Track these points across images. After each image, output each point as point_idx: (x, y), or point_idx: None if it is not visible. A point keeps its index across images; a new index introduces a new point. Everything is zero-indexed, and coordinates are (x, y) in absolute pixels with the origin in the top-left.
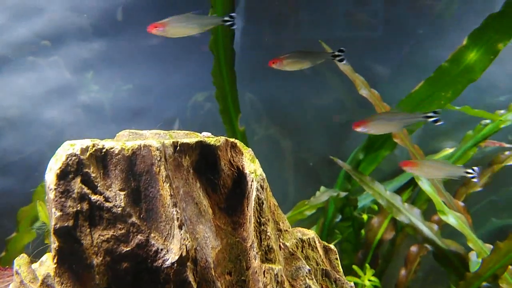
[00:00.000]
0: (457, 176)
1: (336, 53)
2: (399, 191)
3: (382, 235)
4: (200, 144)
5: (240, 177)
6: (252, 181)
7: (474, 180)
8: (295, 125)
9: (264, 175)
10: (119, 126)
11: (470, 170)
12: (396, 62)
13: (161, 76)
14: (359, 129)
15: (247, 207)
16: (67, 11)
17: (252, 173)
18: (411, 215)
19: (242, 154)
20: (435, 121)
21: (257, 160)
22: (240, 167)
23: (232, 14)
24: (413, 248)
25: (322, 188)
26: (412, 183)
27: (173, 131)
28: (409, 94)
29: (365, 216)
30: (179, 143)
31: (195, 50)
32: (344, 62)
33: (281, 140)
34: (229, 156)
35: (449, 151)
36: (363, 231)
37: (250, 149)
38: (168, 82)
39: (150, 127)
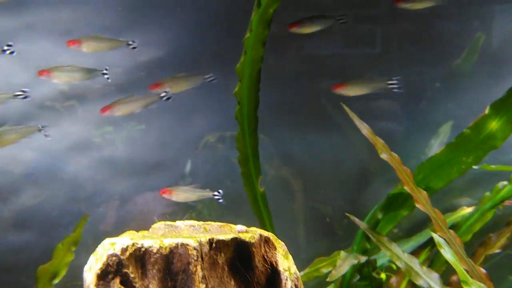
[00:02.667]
0: (207, 197)
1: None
2: (416, 251)
3: None
4: (235, 241)
5: (274, 274)
6: (287, 279)
7: (220, 201)
8: (311, 176)
9: (298, 273)
10: (137, 179)
11: (216, 193)
12: (413, 115)
13: (178, 127)
14: (337, 91)
15: None
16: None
17: (286, 271)
18: (430, 279)
19: (276, 249)
20: (397, 88)
21: (290, 256)
22: (274, 263)
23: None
24: None
25: (342, 253)
26: (430, 243)
27: (207, 222)
28: (430, 158)
29: (383, 275)
30: (215, 240)
31: (209, 94)
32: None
33: (296, 192)
34: (263, 251)
35: (466, 210)
36: None
37: (283, 243)
38: (186, 134)
39: (167, 180)
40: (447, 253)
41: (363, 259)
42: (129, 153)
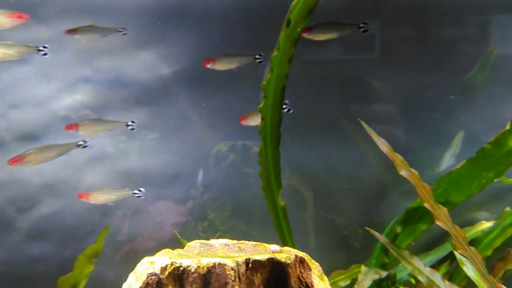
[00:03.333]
0: (127, 196)
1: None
2: (435, 266)
3: None
4: (271, 262)
5: None
6: None
7: (141, 197)
8: (325, 188)
9: None
10: (155, 191)
11: (137, 191)
12: (427, 127)
13: (190, 136)
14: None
15: None
16: (111, 83)
17: None
18: None
19: (311, 269)
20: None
21: (325, 277)
22: (309, 284)
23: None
24: None
25: (363, 268)
26: (449, 257)
27: (241, 241)
28: (450, 172)
29: None
30: (251, 260)
31: (221, 103)
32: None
33: (310, 204)
34: (298, 272)
35: (485, 225)
36: None
37: (317, 264)
38: (198, 143)
39: (180, 189)
40: (469, 271)
41: (384, 274)
42: (142, 163)
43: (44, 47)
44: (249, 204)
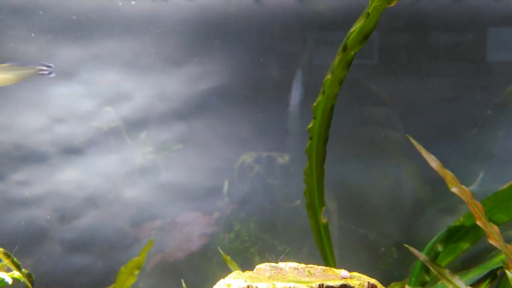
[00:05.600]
0: (34, 73)
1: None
2: (475, 284)
3: None
4: None
5: None
6: None
7: (50, 75)
8: (359, 204)
9: None
10: (194, 204)
11: (44, 68)
12: (465, 143)
13: (221, 152)
14: None
15: None
16: (152, 98)
17: None
18: None
19: None
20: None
21: None
22: None
23: (49, 65)
24: None
25: (407, 287)
26: (490, 275)
27: (309, 265)
28: (496, 192)
29: None
30: (324, 286)
31: (245, 114)
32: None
33: (344, 220)
34: None
35: None
36: None
37: None
38: (222, 153)
39: (211, 203)
40: None
41: None
42: (169, 174)
43: (48, 66)
44: (275, 216)
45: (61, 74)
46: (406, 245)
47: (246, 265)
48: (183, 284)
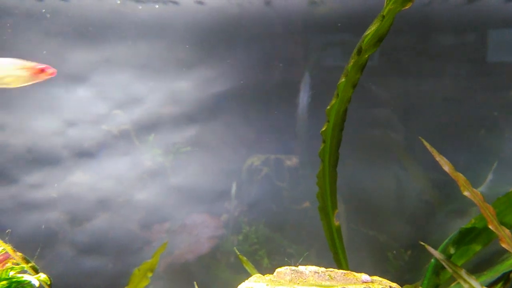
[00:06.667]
0: None
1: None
2: (489, 286)
3: None
4: None
5: None
6: None
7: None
8: (370, 206)
9: None
10: (202, 207)
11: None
12: (472, 145)
13: (229, 155)
14: None
15: None
16: (164, 101)
17: None
18: None
19: None
20: None
21: None
22: None
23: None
24: None
25: None
26: (502, 278)
27: (330, 269)
28: (507, 193)
29: None
30: None
31: (254, 116)
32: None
33: (355, 222)
34: None
35: None
36: None
37: None
38: (230, 156)
39: (219, 205)
40: None
41: None
42: (178, 176)
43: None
44: (283, 218)
45: (74, 77)
46: (422, 243)
47: (255, 267)
48: (196, 287)
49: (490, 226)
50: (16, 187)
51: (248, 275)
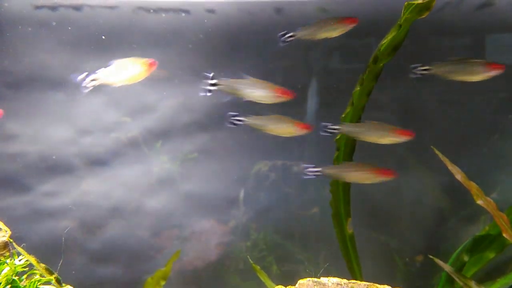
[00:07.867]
0: None
1: None
2: None
3: None
4: None
5: None
6: None
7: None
8: (384, 213)
9: None
10: (215, 214)
11: None
12: (486, 150)
13: (236, 161)
14: None
15: None
16: (175, 109)
17: None
18: None
19: None
20: None
21: None
22: None
23: None
24: None
25: None
26: None
27: (352, 281)
28: None
29: None
30: None
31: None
32: None
33: (369, 229)
34: None
35: None
36: None
37: None
38: (238, 162)
39: (226, 211)
40: None
41: None
42: (186, 184)
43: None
44: (291, 225)
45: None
46: (431, 256)
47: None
48: None
49: (504, 235)
50: (31, 195)
51: (258, 282)
